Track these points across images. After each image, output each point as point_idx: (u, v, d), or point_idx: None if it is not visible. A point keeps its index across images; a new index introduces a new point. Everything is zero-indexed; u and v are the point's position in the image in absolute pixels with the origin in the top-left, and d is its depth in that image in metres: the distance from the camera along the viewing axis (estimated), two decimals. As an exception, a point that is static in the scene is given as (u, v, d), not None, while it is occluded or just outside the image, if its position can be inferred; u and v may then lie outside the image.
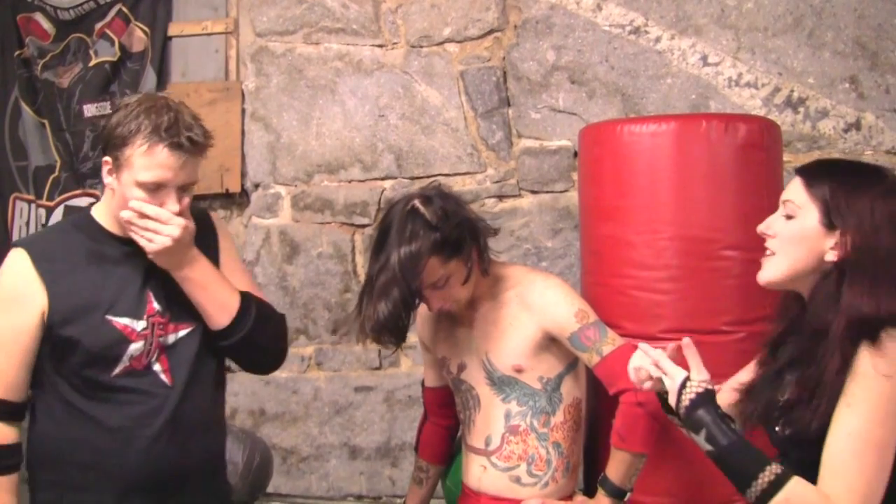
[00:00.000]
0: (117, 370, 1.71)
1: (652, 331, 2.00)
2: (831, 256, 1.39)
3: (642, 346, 1.56)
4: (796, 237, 1.42)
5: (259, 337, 1.81)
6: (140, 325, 1.72)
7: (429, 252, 1.80)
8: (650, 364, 1.50)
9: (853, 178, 1.42)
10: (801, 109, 2.83)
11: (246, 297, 1.80)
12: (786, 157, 2.35)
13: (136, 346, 1.71)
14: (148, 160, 1.64)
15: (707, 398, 1.42)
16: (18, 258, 1.72)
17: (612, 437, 1.89)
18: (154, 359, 1.73)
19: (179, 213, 1.68)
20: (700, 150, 2.01)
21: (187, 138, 1.66)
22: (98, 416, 1.71)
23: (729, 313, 1.95)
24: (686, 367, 1.47)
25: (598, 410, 2.08)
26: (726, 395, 1.58)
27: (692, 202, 2.01)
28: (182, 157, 1.66)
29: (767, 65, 2.85)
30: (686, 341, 1.48)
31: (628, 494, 1.90)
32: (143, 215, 1.66)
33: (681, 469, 1.97)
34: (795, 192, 1.44)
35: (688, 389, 1.43)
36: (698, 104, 2.88)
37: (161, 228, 1.67)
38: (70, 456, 1.72)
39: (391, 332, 1.84)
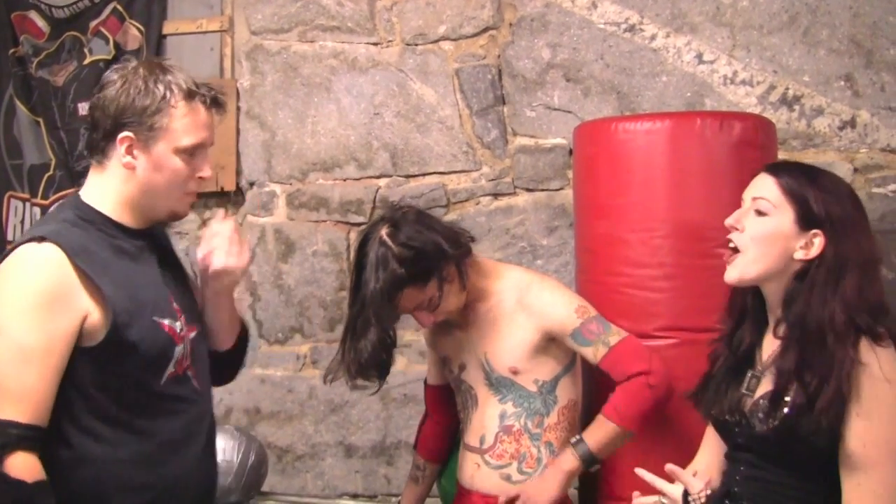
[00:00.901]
0: (164, 377, 1.53)
1: (647, 329, 2.00)
2: (800, 255, 1.41)
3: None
4: (770, 235, 1.43)
5: (244, 355, 1.81)
6: (178, 325, 1.56)
7: (401, 286, 1.84)
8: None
9: (826, 181, 1.45)
10: (797, 107, 2.83)
11: (241, 318, 1.78)
12: (781, 155, 2.36)
13: (179, 350, 1.55)
14: (190, 121, 1.51)
15: None
16: (52, 254, 1.43)
17: (605, 407, 1.89)
18: (189, 363, 1.59)
19: (210, 179, 1.61)
20: (695, 147, 2.01)
21: (214, 91, 1.57)
22: (149, 429, 1.52)
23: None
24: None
25: (593, 411, 2.07)
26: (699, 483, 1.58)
27: (687, 200, 2.01)
28: (215, 112, 1.57)
29: (762, 63, 2.85)
30: (669, 467, 1.52)
31: (596, 466, 1.90)
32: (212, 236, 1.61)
33: (680, 467, 1.97)
34: (769, 190, 1.45)
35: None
36: (693, 102, 2.87)
37: (242, 243, 1.62)
38: (124, 478, 1.50)
39: (375, 370, 1.94)
